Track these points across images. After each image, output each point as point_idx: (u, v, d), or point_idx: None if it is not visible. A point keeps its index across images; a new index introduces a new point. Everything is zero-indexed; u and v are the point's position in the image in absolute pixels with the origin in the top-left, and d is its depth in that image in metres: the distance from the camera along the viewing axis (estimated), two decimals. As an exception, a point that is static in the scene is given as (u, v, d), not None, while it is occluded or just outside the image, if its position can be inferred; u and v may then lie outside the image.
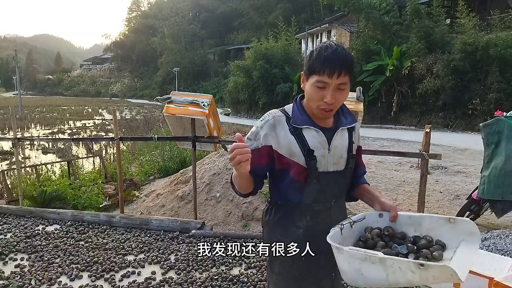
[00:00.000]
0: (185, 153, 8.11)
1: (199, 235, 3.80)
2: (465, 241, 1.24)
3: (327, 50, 1.30)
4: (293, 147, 1.38)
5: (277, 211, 1.48)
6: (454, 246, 1.24)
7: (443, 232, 1.28)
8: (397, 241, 1.29)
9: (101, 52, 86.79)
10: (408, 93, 16.58)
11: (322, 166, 1.40)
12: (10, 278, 3.02)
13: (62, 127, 19.81)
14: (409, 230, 1.33)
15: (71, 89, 63.51)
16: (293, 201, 1.44)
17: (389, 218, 1.36)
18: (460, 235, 1.25)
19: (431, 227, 1.30)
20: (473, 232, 1.24)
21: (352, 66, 1.35)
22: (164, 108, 4.18)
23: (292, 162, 1.39)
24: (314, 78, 1.32)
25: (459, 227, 1.26)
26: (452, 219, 1.28)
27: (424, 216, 1.33)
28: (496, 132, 4.21)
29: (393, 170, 8.11)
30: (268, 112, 1.46)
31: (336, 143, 1.42)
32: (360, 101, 3.63)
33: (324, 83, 1.30)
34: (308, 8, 38.09)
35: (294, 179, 1.41)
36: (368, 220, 1.38)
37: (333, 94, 1.31)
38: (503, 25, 15.18)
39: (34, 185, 6.08)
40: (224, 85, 31.09)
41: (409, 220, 1.34)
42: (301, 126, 1.39)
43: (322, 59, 1.30)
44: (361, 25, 19.53)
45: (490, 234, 3.82)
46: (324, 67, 1.28)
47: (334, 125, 1.45)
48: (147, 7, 66.57)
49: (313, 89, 1.33)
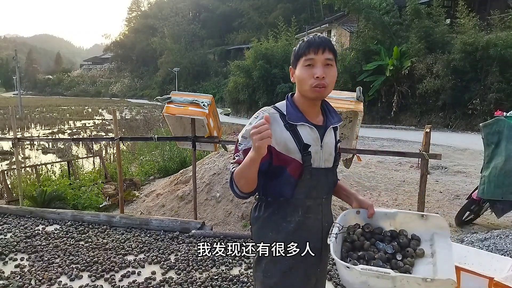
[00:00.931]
0: (185, 153, 8.11)
1: (199, 235, 3.80)
2: (436, 234, 1.40)
3: (309, 37, 1.42)
4: (289, 143, 1.40)
5: (268, 207, 1.49)
6: (427, 238, 1.41)
7: (416, 226, 1.43)
8: (377, 237, 1.43)
9: (101, 52, 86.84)
10: (408, 93, 16.57)
11: (316, 162, 1.44)
12: (10, 278, 3.02)
13: (62, 127, 19.80)
14: (385, 224, 1.47)
15: (71, 89, 63.54)
16: (285, 197, 1.46)
17: (367, 215, 1.46)
18: (431, 229, 1.41)
19: (404, 221, 1.45)
20: (442, 226, 1.40)
21: (333, 46, 1.43)
22: (164, 108, 4.17)
23: (290, 159, 1.41)
24: (302, 60, 1.40)
25: (430, 222, 1.42)
26: (424, 215, 1.43)
27: (399, 212, 1.47)
28: (496, 132, 4.21)
29: (393, 170, 8.11)
30: (260, 109, 1.47)
31: (327, 140, 1.48)
32: (360, 101, 3.62)
33: (311, 60, 1.38)
34: (308, 8, 38.11)
35: (289, 175, 1.43)
36: (347, 218, 1.47)
37: (322, 68, 1.37)
38: (503, 25, 15.18)
39: (34, 185, 6.08)
40: (224, 85, 31.10)
41: (385, 216, 1.47)
42: (296, 122, 1.42)
43: (305, 43, 1.41)
44: (361, 25, 19.53)
45: (490, 234, 3.82)
46: (309, 47, 1.39)
47: (324, 123, 1.50)
48: (147, 7, 66.72)
49: (302, 70, 1.40)
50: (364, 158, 8.49)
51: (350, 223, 1.46)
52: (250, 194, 1.45)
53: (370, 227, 1.44)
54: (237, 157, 1.43)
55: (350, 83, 17.32)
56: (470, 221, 4.75)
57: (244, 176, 1.36)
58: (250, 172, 1.33)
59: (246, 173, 1.35)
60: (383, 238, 1.42)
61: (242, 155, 1.40)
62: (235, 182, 1.40)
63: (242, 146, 1.42)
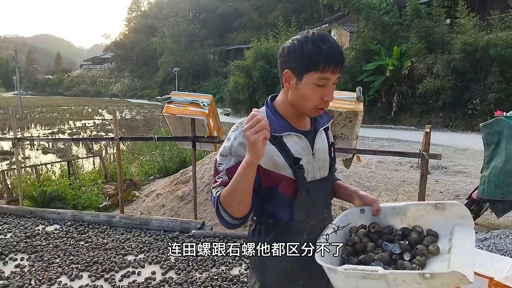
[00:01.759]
0: (185, 153, 8.11)
1: (199, 235, 3.80)
2: (458, 226, 1.14)
3: (326, 43, 1.15)
4: (276, 158, 1.20)
5: (269, 231, 1.28)
6: (447, 233, 1.14)
7: (432, 219, 1.17)
8: (385, 237, 1.19)
9: (101, 52, 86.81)
10: (408, 93, 16.57)
11: (310, 175, 1.26)
12: (10, 278, 3.02)
13: (62, 127, 19.80)
14: (395, 222, 1.22)
15: (71, 89, 63.51)
16: (285, 220, 1.26)
17: (372, 212, 1.23)
18: (451, 220, 1.15)
19: (418, 215, 1.20)
20: (464, 215, 1.14)
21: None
22: (164, 108, 4.18)
23: (280, 176, 1.22)
24: (315, 76, 1.15)
25: (448, 211, 1.16)
26: (439, 204, 1.17)
27: (409, 204, 1.22)
28: (496, 132, 4.21)
29: (393, 170, 8.11)
30: (239, 121, 1.25)
31: (319, 146, 1.30)
32: (360, 101, 3.62)
33: (327, 80, 1.16)
34: (308, 8, 38.09)
35: (283, 195, 1.24)
36: (350, 219, 1.25)
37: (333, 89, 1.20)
38: (503, 25, 15.17)
39: (34, 185, 6.08)
40: (224, 85, 31.09)
41: (393, 211, 1.23)
42: (281, 133, 1.22)
43: (325, 54, 1.13)
44: (361, 25, 19.52)
45: (490, 234, 3.82)
46: (329, 63, 1.13)
47: (312, 127, 1.31)
48: (147, 7, 66.67)
49: (311, 88, 1.17)
50: (364, 158, 8.49)
51: (355, 224, 1.24)
52: (243, 219, 1.20)
53: (377, 226, 1.21)
54: (219, 179, 1.18)
55: (350, 83, 17.31)
56: (470, 221, 4.74)
57: (237, 193, 1.11)
58: (245, 184, 1.09)
59: (239, 189, 1.10)
60: (394, 238, 1.18)
61: (225, 175, 1.17)
62: (224, 207, 1.15)
63: (223, 165, 1.19)
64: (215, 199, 1.17)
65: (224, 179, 1.17)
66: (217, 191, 1.17)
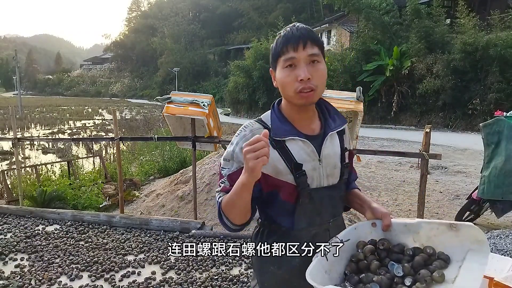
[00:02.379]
0: (185, 153, 8.11)
1: (199, 235, 3.80)
2: (472, 252, 1.03)
3: (286, 30, 1.18)
4: (277, 164, 1.17)
5: (270, 235, 1.26)
6: (459, 258, 1.04)
7: (446, 240, 1.08)
8: (394, 257, 1.11)
9: (101, 52, 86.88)
10: (408, 93, 16.58)
11: (315, 182, 1.21)
12: (10, 278, 3.02)
13: (62, 127, 19.81)
14: (407, 240, 1.14)
15: (71, 89, 63.57)
16: (286, 227, 1.23)
17: (382, 227, 1.16)
18: (466, 244, 1.05)
19: (431, 234, 1.11)
20: (480, 240, 1.03)
21: (317, 37, 1.17)
22: (164, 108, 4.18)
23: (281, 183, 1.19)
24: (281, 60, 1.15)
25: (463, 233, 1.05)
26: (453, 225, 1.07)
27: (421, 222, 1.13)
28: (496, 132, 4.21)
29: (393, 170, 8.10)
30: (243, 125, 1.25)
31: (327, 151, 1.22)
32: (360, 101, 3.62)
33: (292, 59, 1.13)
34: (308, 8, 38.11)
35: (284, 201, 1.21)
36: (360, 232, 1.18)
37: (306, 68, 1.13)
38: (503, 25, 15.18)
39: (34, 185, 6.08)
40: (224, 85, 31.12)
41: (405, 229, 1.14)
42: (284, 137, 1.18)
43: (282, 38, 1.17)
44: (361, 25, 19.54)
45: (490, 234, 3.82)
46: (286, 43, 1.14)
47: (322, 130, 1.25)
48: (147, 7, 66.74)
49: (284, 73, 1.15)
50: (364, 158, 8.49)
51: (364, 239, 1.16)
52: (244, 225, 1.22)
53: (386, 243, 1.12)
54: (222, 184, 1.21)
55: (350, 83, 17.32)
56: (470, 221, 4.74)
57: (235, 206, 1.13)
58: (242, 200, 1.11)
59: (237, 202, 1.12)
60: (402, 258, 1.10)
61: (227, 181, 1.19)
62: (225, 214, 1.17)
63: (225, 170, 1.21)
64: (218, 204, 1.20)
65: (226, 186, 1.19)
66: (219, 197, 1.19)
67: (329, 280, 1.10)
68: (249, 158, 0.99)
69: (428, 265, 1.06)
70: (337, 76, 18.31)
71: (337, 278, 1.12)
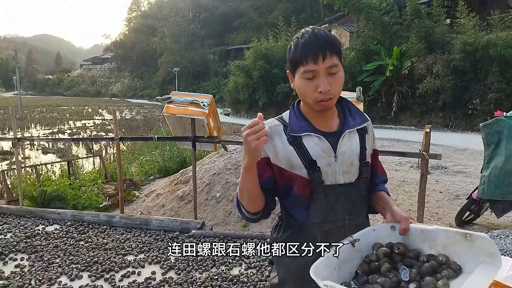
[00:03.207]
0: (185, 153, 8.11)
1: (199, 235, 3.80)
2: (483, 264, 1.02)
3: (304, 36, 1.17)
4: (293, 158, 1.21)
5: (287, 229, 1.30)
6: (471, 269, 1.03)
7: (461, 251, 1.07)
8: (407, 262, 1.11)
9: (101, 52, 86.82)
10: (408, 93, 16.57)
11: (329, 178, 1.22)
12: (10, 278, 3.02)
13: (62, 127, 19.81)
14: (423, 246, 1.14)
15: (71, 89, 63.52)
16: (300, 220, 1.26)
17: (399, 231, 1.16)
18: (479, 256, 1.03)
19: (448, 243, 1.10)
20: (492, 253, 1.03)
21: (337, 45, 1.18)
22: (164, 108, 4.18)
23: (294, 176, 1.22)
24: (301, 70, 1.16)
25: (477, 245, 1.04)
26: (469, 235, 1.06)
27: (438, 230, 1.13)
28: (496, 132, 4.21)
29: (393, 170, 8.10)
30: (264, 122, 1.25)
31: (344, 148, 1.23)
32: (360, 101, 3.63)
33: (312, 72, 1.15)
34: (308, 8, 38.09)
35: (298, 195, 1.24)
36: (379, 234, 1.19)
37: (326, 80, 1.15)
38: (503, 25, 15.17)
39: (34, 185, 6.08)
40: (224, 85, 31.09)
41: (422, 235, 1.14)
42: (300, 133, 1.22)
43: (300, 46, 1.16)
44: (361, 25, 19.52)
45: (490, 234, 3.83)
46: (306, 54, 1.14)
47: (339, 128, 1.26)
48: (147, 7, 66.68)
49: (303, 83, 1.18)
50: (364, 158, 8.46)
51: (383, 241, 1.17)
52: (259, 214, 1.28)
53: (402, 247, 1.13)
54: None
55: (350, 83, 17.28)
56: (470, 221, 4.75)
57: (245, 190, 1.20)
58: (249, 183, 1.17)
59: (245, 186, 1.19)
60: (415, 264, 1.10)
61: None
62: (240, 201, 1.25)
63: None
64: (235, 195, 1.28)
65: None
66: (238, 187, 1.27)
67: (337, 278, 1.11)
68: (250, 140, 1.07)
69: (437, 273, 1.05)
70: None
71: (348, 276, 1.13)
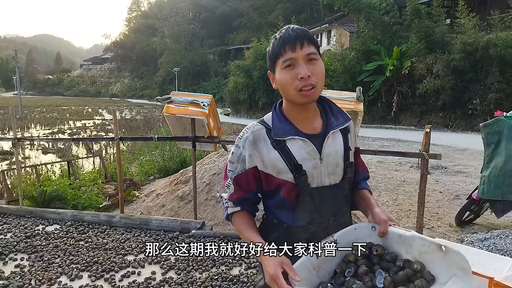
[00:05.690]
0: (185, 153, 8.11)
1: (199, 235, 3.80)
2: (455, 277, 1.05)
3: (281, 33, 1.21)
4: (278, 163, 1.20)
5: (272, 231, 1.30)
6: (444, 280, 1.05)
7: (435, 260, 1.09)
8: (384, 265, 1.13)
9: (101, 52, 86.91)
10: (408, 93, 16.57)
11: (315, 181, 1.21)
12: (10, 278, 3.02)
13: (62, 127, 19.81)
14: (401, 250, 1.15)
15: (71, 89, 63.59)
16: (286, 223, 1.26)
17: (378, 233, 1.17)
18: (452, 268, 1.06)
19: (423, 250, 1.12)
20: (463, 267, 1.04)
21: (312, 36, 1.20)
22: (164, 108, 4.17)
23: (282, 181, 1.21)
24: (280, 62, 1.18)
25: (451, 258, 1.06)
26: (444, 246, 1.07)
27: (415, 236, 1.14)
28: (496, 132, 4.21)
29: (393, 170, 8.10)
30: (246, 127, 1.28)
31: (329, 149, 1.23)
32: (360, 101, 3.62)
33: (291, 60, 1.16)
34: (308, 8, 38.10)
35: (284, 199, 1.24)
36: (360, 233, 1.19)
37: (306, 66, 1.15)
38: (503, 25, 15.17)
39: (34, 185, 6.08)
40: (224, 85, 31.14)
41: (400, 239, 1.16)
42: (284, 137, 1.20)
43: (278, 41, 1.19)
44: (361, 25, 19.53)
45: (490, 234, 3.83)
46: (283, 45, 1.17)
47: (323, 129, 1.25)
48: (147, 7, 66.80)
49: (283, 73, 1.18)
50: (364, 158, 8.39)
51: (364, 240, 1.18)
52: None
53: (380, 250, 1.14)
54: (227, 187, 1.30)
55: (350, 83, 17.33)
56: (470, 221, 4.75)
57: (244, 237, 1.29)
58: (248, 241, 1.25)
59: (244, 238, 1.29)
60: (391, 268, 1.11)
61: (232, 185, 1.27)
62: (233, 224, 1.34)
63: (231, 173, 1.28)
64: (226, 214, 1.35)
65: (231, 191, 1.29)
66: (227, 204, 1.33)
67: (317, 277, 1.13)
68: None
69: (411, 281, 1.07)
70: (337, 76, 18.31)
71: (327, 275, 1.16)
